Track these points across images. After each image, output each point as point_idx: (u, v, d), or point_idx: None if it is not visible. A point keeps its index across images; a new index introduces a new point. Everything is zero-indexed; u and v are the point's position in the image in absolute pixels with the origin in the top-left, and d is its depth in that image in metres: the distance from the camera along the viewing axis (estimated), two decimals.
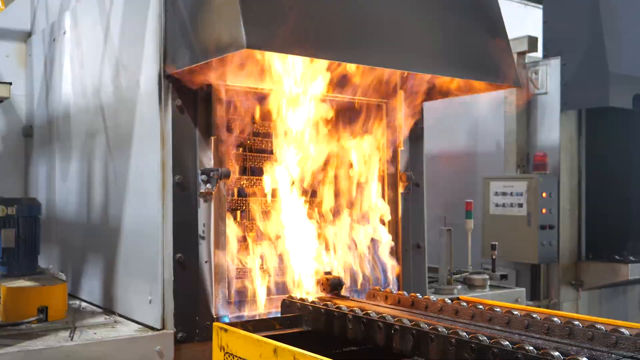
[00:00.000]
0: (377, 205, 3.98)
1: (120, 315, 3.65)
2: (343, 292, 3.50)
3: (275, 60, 3.24)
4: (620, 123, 6.55)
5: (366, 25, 3.10)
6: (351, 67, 3.55)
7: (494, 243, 5.30)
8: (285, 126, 3.56)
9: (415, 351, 2.61)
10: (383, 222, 4.01)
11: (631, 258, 6.42)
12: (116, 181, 3.78)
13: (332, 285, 3.50)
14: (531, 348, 2.24)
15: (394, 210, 4.12)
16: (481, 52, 3.54)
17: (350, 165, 3.92)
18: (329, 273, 3.61)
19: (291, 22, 2.82)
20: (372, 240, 3.96)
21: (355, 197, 3.96)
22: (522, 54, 6.44)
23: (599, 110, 6.22)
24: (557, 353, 2.19)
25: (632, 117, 6.48)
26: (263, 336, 2.90)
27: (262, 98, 3.57)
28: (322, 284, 3.55)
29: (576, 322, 2.78)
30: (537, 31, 6.57)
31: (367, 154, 3.96)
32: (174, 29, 3.27)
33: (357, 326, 2.88)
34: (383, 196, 4.06)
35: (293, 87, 3.56)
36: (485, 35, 3.64)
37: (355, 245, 3.90)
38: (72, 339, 3.11)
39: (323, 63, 3.40)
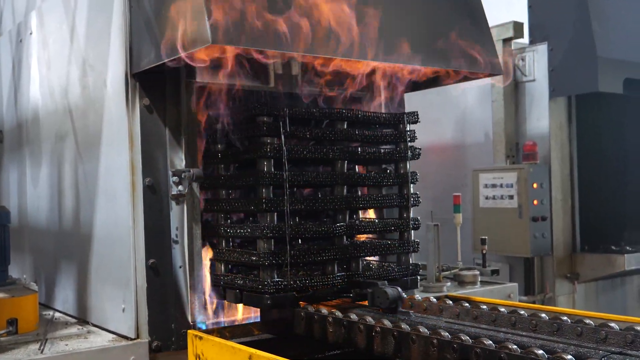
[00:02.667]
0: None
1: (94, 325, 3.61)
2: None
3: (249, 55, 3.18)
4: (611, 108, 6.54)
5: (336, 16, 3.04)
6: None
7: (483, 237, 5.27)
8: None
9: (397, 353, 2.58)
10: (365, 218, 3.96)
11: (628, 248, 6.42)
12: (86, 185, 3.73)
13: (391, 299, 3.00)
14: (515, 347, 2.21)
15: None
16: (459, 39, 3.50)
17: None
18: (370, 282, 3.14)
19: (257, 15, 2.77)
20: None
21: None
22: (508, 40, 6.41)
23: (589, 95, 6.21)
24: (541, 351, 2.16)
25: (624, 102, 6.47)
26: (240, 342, 2.87)
27: (235, 94, 3.52)
28: (375, 297, 3.04)
29: (564, 318, 2.76)
30: (523, 17, 6.55)
31: None
32: (139, 26, 3.22)
33: (337, 329, 2.85)
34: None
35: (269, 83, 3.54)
36: (463, 21, 3.60)
37: None
38: (42, 352, 3.07)
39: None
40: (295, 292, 3.12)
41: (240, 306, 3.52)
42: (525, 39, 6.52)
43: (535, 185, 6.11)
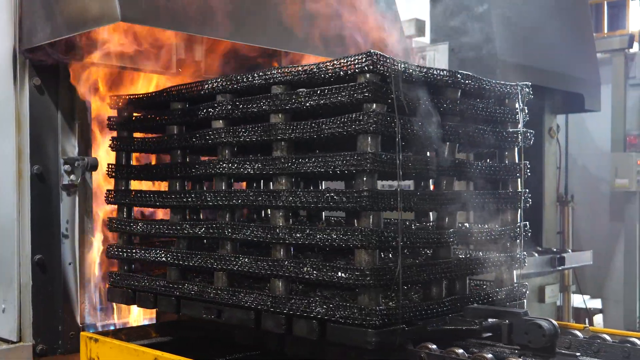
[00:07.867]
0: None
1: None
2: None
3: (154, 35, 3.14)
4: None
5: (247, 3, 3.08)
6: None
7: None
8: None
9: (311, 355, 2.63)
10: None
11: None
12: None
13: (548, 336, 2.22)
14: (461, 351, 2.27)
15: None
16: (364, 32, 3.60)
17: None
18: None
19: None
20: None
21: None
22: (409, 38, 6.60)
23: None
24: (461, 350, 2.28)
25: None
26: (139, 345, 2.83)
27: (136, 77, 3.47)
28: (519, 332, 2.28)
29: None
30: (425, 14, 6.77)
31: None
32: None
33: (245, 330, 2.86)
34: None
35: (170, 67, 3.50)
36: (375, 15, 3.71)
37: None
38: None
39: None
40: (405, 325, 2.32)
41: (133, 307, 3.46)
42: (427, 38, 6.73)
43: None
